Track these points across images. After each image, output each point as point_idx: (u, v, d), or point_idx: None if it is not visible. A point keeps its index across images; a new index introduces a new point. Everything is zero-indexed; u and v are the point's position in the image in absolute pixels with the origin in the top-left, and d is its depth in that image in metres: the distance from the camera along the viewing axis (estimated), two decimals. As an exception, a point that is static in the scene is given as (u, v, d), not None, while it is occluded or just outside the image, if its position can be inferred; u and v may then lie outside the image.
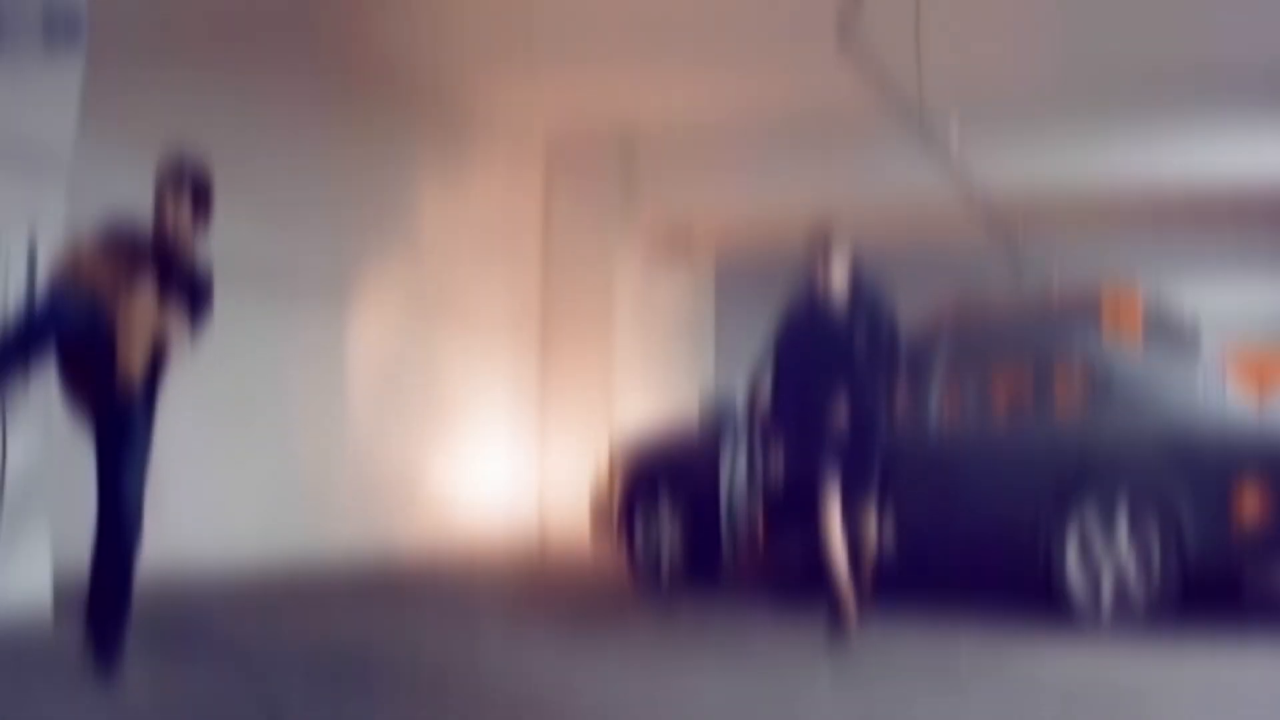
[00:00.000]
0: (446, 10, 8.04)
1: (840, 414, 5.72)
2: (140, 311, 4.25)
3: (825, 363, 5.85)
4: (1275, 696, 4.22)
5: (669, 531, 7.60)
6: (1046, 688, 4.44)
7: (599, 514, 8.19)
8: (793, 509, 6.44)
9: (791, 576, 7.46)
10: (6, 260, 5.35)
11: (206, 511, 7.08)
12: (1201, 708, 4.08)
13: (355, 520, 8.34)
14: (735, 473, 6.77)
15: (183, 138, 6.55)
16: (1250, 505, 5.39)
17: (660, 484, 7.76)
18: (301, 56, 8.13)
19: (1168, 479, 5.55)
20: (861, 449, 5.86)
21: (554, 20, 8.11)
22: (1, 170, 5.44)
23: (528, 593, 7.80)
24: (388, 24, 8.26)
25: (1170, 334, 8.02)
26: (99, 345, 4.16)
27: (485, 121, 10.06)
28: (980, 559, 6.44)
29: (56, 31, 4.17)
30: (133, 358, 4.22)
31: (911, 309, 6.55)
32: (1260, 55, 8.00)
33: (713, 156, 10.07)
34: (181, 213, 4.46)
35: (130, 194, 4.85)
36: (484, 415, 9.96)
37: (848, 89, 7.49)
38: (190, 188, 4.47)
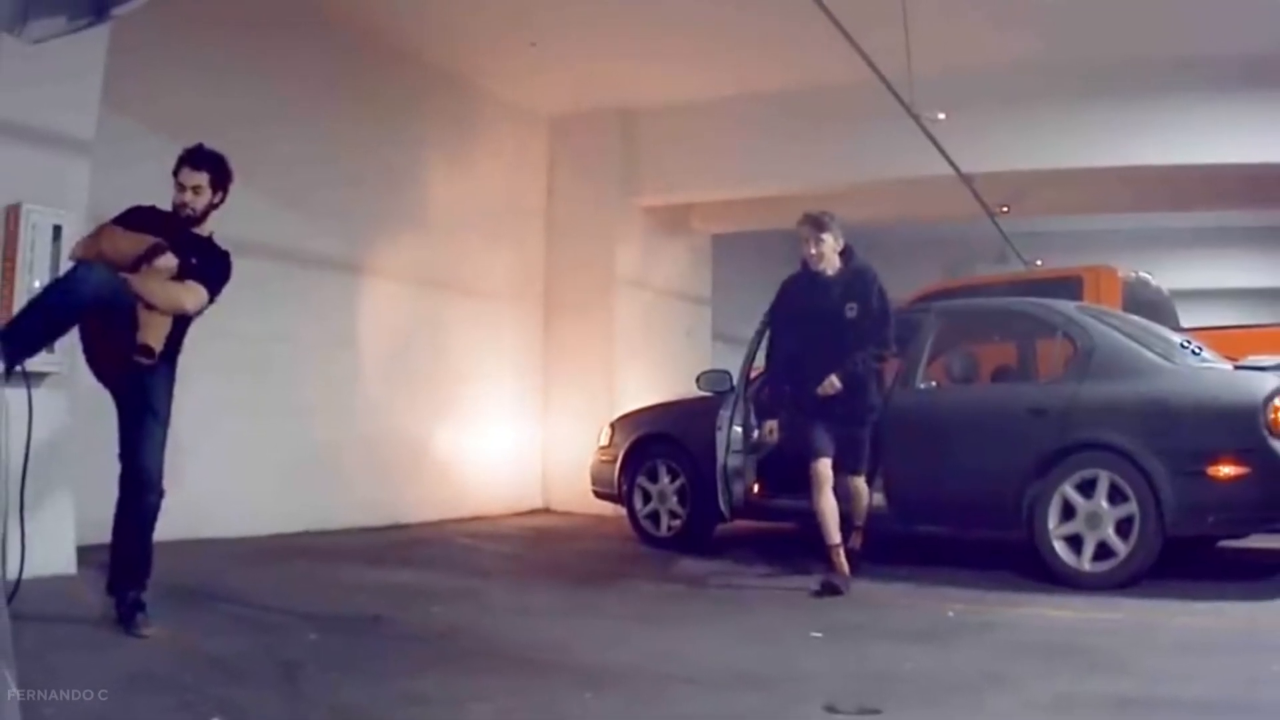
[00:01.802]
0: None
1: (833, 382, 5.73)
2: (160, 286, 4.24)
3: (819, 333, 5.86)
4: (1247, 651, 4.23)
5: (668, 493, 7.62)
6: (1031, 644, 4.46)
7: (600, 477, 8.20)
8: (787, 472, 6.46)
9: (786, 536, 7.48)
10: (32, 236, 5.33)
11: (224, 477, 7.07)
12: (1177, 660, 4.09)
13: (366, 485, 8.33)
14: (731, 437, 6.77)
15: (202, 119, 6.56)
16: (1223, 471, 5.39)
17: (659, 448, 7.77)
18: (317, 42, 8.06)
19: (1146, 446, 5.55)
20: (854, 415, 5.88)
21: (556, 2, 8.04)
22: (27, 149, 5.42)
23: (532, 554, 7.80)
24: (398, 10, 8.19)
25: (1148, 308, 8.04)
26: (121, 318, 4.15)
27: (491, 101, 9.99)
28: (967, 521, 6.45)
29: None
30: (153, 330, 4.21)
31: (902, 283, 6.55)
32: (1237, 46, 7.95)
33: (709, 133, 10.02)
34: (199, 190, 4.44)
35: (151, 173, 4.83)
36: (490, 382, 9.93)
37: (839, 70, 7.44)
38: (207, 167, 4.46)
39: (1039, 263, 12.92)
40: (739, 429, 6.80)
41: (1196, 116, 8.44)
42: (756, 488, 6.94)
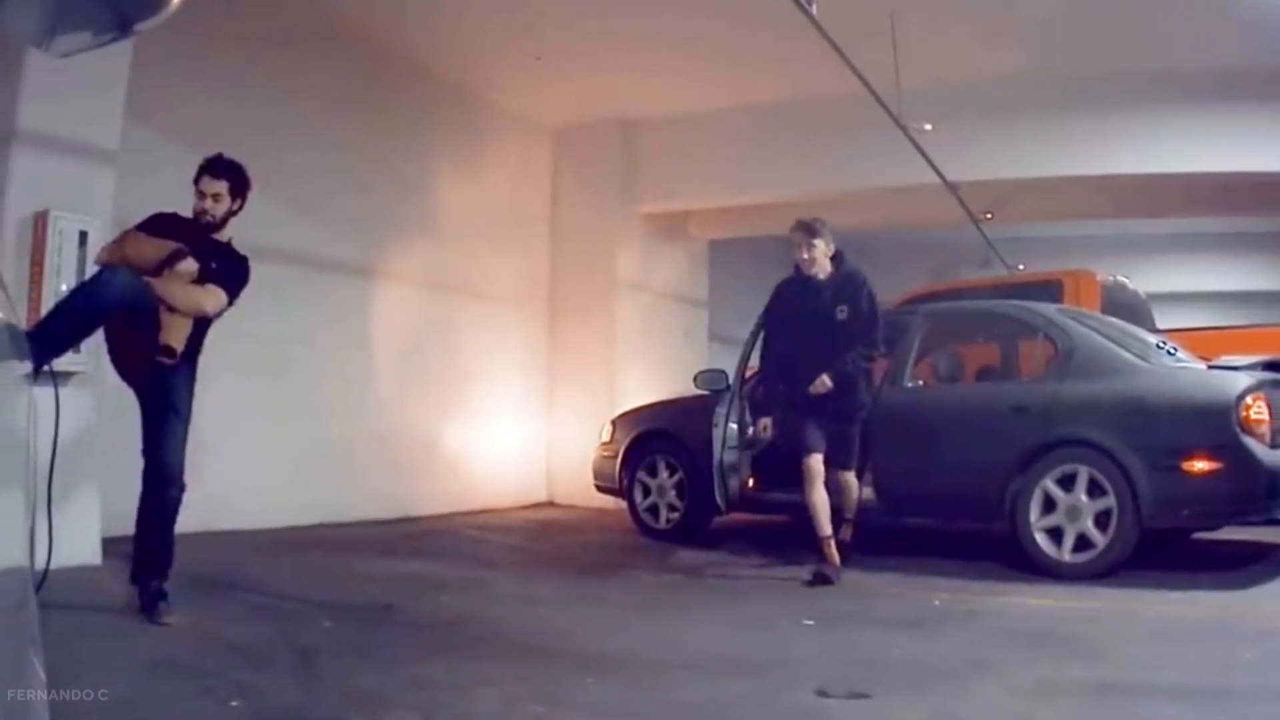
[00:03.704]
0: (463, 13, 7.98)
1: (825, 381, 5.73)
2: (181, 289, 4.24)
3: (811, 334, 5.85)
4: (1221, 638, 4.22)
5: (667, 488, 7.62)
6: (1014, 631, 4.46)
7: (602, 472, 8.20)
8: (780, 467, 6.46)
9: (780, 528, 7.47)
10: (59, 242, 5.33)
11: (242, 472, 7.07)
12: (1153, 648, 4.09)
13: (379, 480, 8.33)
14: (727, 433, 6.77)
15: (221, 129, 6.54)
16: (1197, 466, 5.39)
17: (659, 444, 7.77)
18: (332, 57, 8.05)
19: (1123, 442, 5.54)
20: (844, 412, 5.87)
21: (560, 19, 8.04)
22: (55, 158, 5.42)
23: (537, 545, 7.79)
24: (410, 25, 8.19)
25: (1126, 311, 8.04)
26: (144, 320, 4.15)
27: (498, 113, 9.99)
28: (952, 514, 6.44)
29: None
30: (175, 331, 4.21)
31: (890, 286, 6.55)
32: (1209, 61, 7.95)
33: (706, 144, 10.02)
34: (219, 198, 4.45)
35: (172, 180, 4.83)
36: (496, 382, 9.93)
37: (830, 83, 7.43)
38: (226, 175, 4.46)
39: (1021, 267, 12.89)
40: (734, 426, 6.79)
41: (1171, 127, 8.45)
42: (751, 482, 6.94)
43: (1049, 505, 5.73)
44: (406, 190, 8.93)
